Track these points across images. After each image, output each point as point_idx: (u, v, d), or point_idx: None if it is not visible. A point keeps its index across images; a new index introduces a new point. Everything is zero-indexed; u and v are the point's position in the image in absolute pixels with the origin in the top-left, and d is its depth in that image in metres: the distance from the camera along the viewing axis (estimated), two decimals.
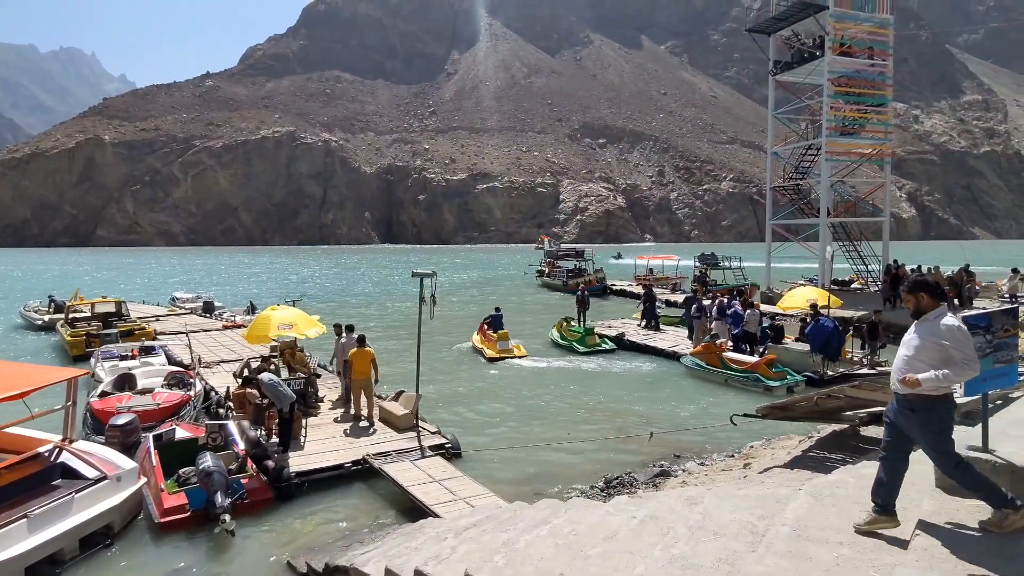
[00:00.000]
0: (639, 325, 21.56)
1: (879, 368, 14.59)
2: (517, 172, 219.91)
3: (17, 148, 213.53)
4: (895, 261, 25.36)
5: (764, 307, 19.67)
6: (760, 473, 7.69)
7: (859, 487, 4.73)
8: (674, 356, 17.32)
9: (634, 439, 10.37)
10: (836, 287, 26.51)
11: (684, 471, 8.86)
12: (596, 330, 19.94)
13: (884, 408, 4.85)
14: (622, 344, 19.28)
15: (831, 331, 14.48)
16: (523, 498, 7.60)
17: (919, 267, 22.43)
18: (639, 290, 34.07)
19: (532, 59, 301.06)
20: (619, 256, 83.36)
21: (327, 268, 75.68)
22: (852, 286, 28.49)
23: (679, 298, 29.14)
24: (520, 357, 17.92)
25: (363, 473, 8.91)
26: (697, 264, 37.32)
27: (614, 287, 38.42)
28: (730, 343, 16.00)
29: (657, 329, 21.11)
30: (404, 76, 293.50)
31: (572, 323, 21.03)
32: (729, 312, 16.91)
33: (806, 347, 15.07)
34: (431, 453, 9.23)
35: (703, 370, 15.05)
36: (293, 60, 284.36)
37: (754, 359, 14.59)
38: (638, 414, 12.32)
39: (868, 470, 5.48)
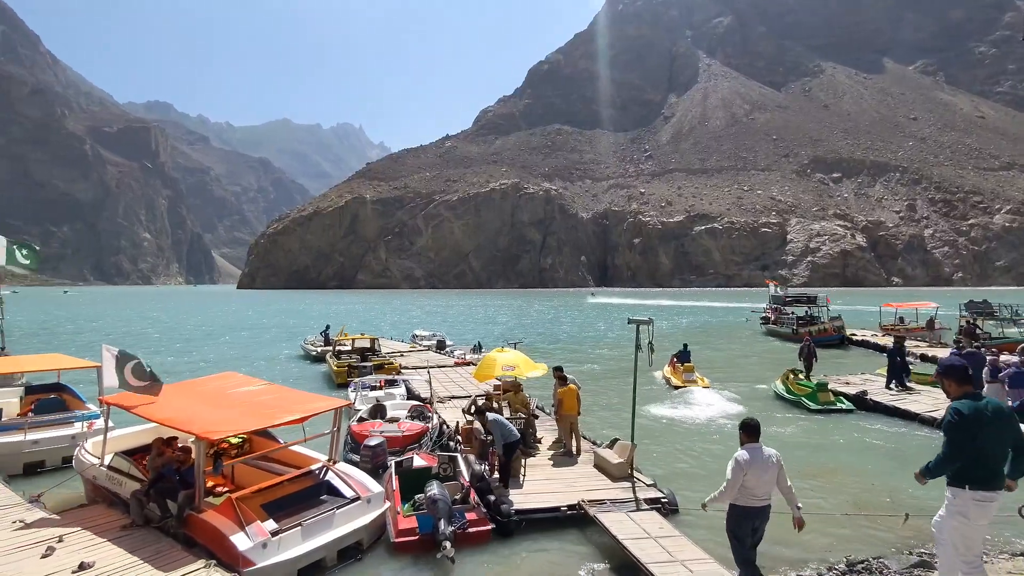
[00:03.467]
0: (887, 386, 18.74)
1: None
2: (738, 212, 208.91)
3: (304, 208, 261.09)
4: None
5: None
6: None
7: None
8: (933, 423, 14.77)
9: (883, 518, 8.99)
10: None
11: None
12: (830, 386, 17.84)
13: None
14: (863, 404, 16.95)
15: None
16: None
17: None
18: (886, 342, 29.93)
19: (755, 95, 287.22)
20: (593, 295, 74.84)
21: (545, 311, 78.89)
22: None
23: (940, 352, 24.89)
24: (704, 387, 19.63)
25: (577, 518, 8.95)
26: (963, 313, 31.58)
27: (854, 337, 34.13)
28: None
29: (905, 389, 18.24)
30: (621, 123, 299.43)
31: (800, 375, 19.12)
32: (1004, 373, 13.94)
33: None
34: (647, 507, 9.00)
35: None
36: (519, 117, 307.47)
37: None
38: (884, 489, 10.66)
39: None
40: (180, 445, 9.17)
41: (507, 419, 11.92)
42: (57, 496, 9.81)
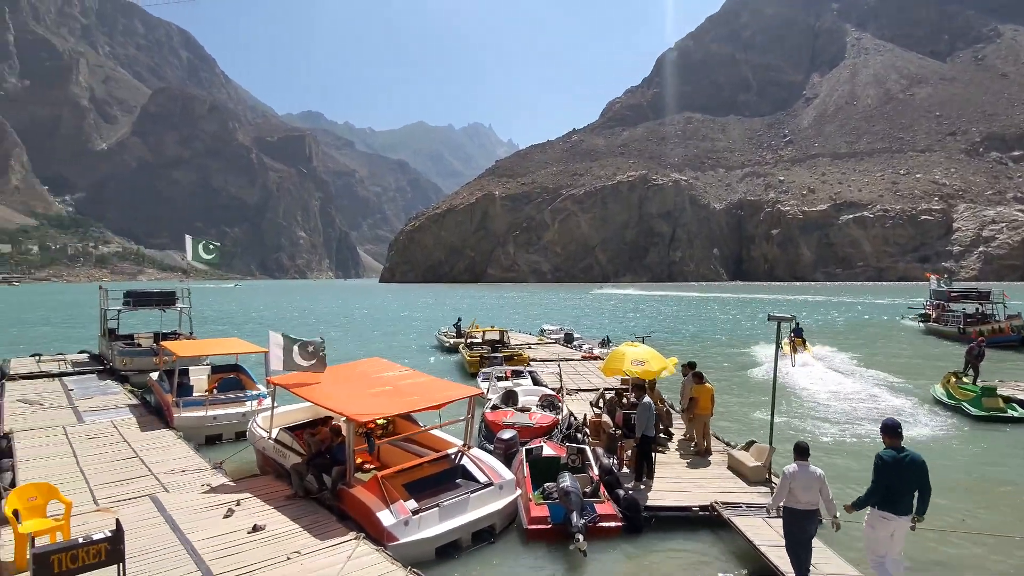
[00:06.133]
0: None
1: None
2: (892, 199, 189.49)
3: (438, 206, 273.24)
4: None
5: None
6: None
7: None
8: None
9: None
10: None
11: None
12: (1003, 391, 15.69)
13: None
14: None
15: None
16: None
17: None
18: None
19: (913, 68, 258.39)
20: (600, 287, 65.60)
21: (673, 304, 76.57)
22: None
23: None
24: (810, 354, 23.84)
25: (709, 520, 8.70)
26: None
27: None
28: None
29: None
30: (757, 108, 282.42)
31: (965, 378, 17.06)
32: None
33: None
34: (775, 514, 8.53)
35: None
36: (647, 107, 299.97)
37: None
38: None
39: None
40: (333, 424, 10.09)
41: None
42: (235, 464, 11.22)
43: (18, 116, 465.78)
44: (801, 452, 6.80)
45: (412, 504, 7.94)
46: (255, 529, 7.74)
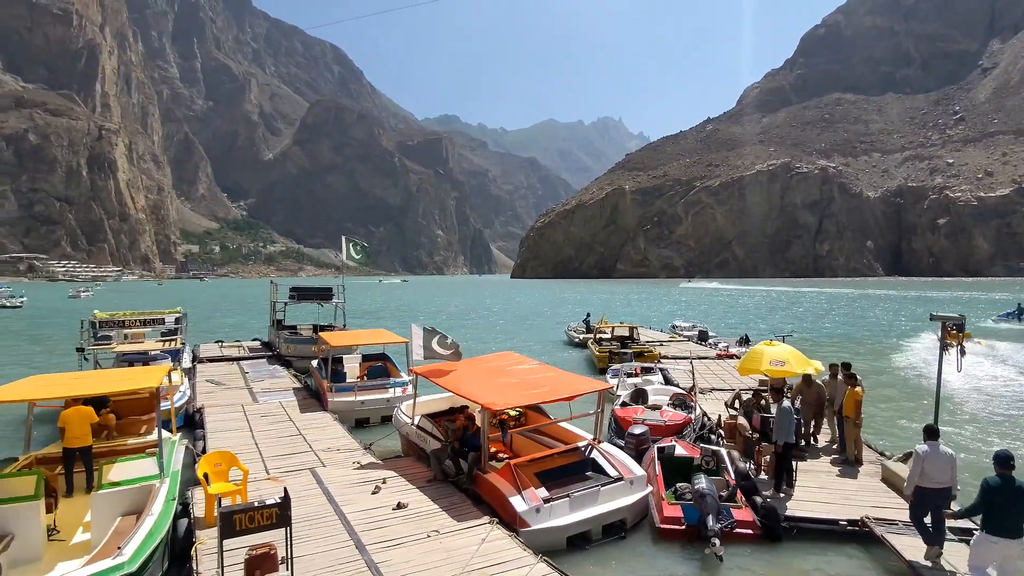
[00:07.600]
0: None
1: None
2: None
3: (567, 202, 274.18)
4: None
5: None
6: None
7: None
8: None
9: None
10: None
11: None
12: None
13: None
14: None
15: None
16: None
17: None
18: None
19: None
20: (689, 280, 52.59)
21: (822, 302, 70.94)
22: None
23: None
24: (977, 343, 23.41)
25: (858, 535, 8.10)
26: None
27: None
28: None
29: None
30: (920, 84, 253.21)
31: None
32: None
33: None
34: (953, 536, 7.68)
35: None
36: (789, 91, 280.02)
37: None
38: None
39: None
40: (469, 413, 10.63)
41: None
42: (382, 446, 12.20)
43: (203, 133, 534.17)
44: (931, 433, 7.28)
45: (543, 492, 8.14)
46: (399, 506, 8.36)
